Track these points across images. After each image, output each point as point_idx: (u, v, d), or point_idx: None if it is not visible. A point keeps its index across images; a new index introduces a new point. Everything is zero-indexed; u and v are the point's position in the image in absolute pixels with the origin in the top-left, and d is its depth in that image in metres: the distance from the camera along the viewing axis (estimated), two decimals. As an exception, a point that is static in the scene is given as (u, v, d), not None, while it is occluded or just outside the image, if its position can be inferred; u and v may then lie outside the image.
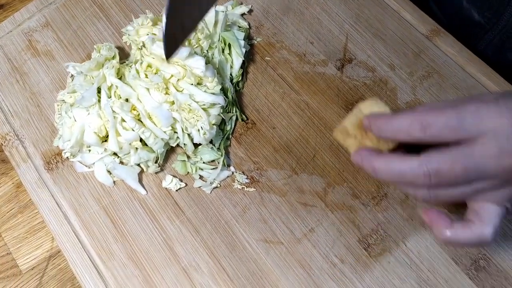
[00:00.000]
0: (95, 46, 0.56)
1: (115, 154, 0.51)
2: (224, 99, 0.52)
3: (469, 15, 0.61)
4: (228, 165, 0.52)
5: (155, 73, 0.51)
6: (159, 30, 0.52)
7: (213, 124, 0.51)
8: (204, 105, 0.51)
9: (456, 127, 0.34)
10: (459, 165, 0.34)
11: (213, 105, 0.51)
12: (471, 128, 0.34)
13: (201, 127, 0.50)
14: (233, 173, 0.52)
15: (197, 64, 0.50)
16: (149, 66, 0.52)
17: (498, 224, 0.36)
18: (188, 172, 0.52)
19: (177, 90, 0.51)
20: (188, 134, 0.51)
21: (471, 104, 0.35)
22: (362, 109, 0.40)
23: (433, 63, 0.57)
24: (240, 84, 0.56)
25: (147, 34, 0.52)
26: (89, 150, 0.51)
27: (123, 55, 0.58)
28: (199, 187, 0.51)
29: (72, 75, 0.57)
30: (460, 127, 0.34)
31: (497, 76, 0.56)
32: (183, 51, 0.50)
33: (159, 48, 0.50)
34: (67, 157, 0.52)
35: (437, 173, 0.34)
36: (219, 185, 0.51)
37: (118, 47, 0.58)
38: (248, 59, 0.58)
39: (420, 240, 0.48)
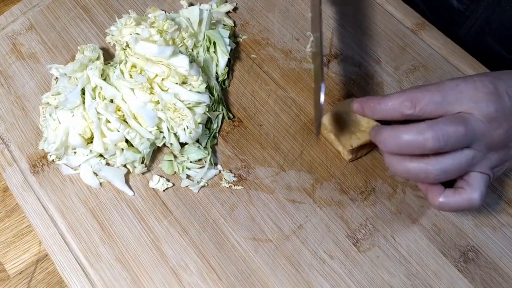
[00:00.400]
0: (79, 48, 0.55)
1: (101, 155, 0.51)
2: (210, 97, 0.52)
3: (449, 3, 0.61)
4: (215, 164, 0.52)
5: (140, 73, 0.51)
6: (142, 29, 0.51)
7: (199, 123, 0.51)
8: (189, 104, 0.50)
9: (440, 101, 0.40)
10: (461, 125, 0.39)
11: (198, 103, 0.51)
12: (453, 102, 0.40)
13: (187, 126, 0.50)
14: (220, 171, 0.51)
15: (181, 63, 0.50)
16: (134, 66, 0.52)
17: (484, 190, 0.41)
18: (175, 171, 0.51)
19: (162, 90, 0.51)
20: (174, 134, 0.51)
21: (452, 82, 0.41)
22: (339, 107, 0.45)
23: (419, 57, 0.57)
24: (226, 82, 0.56)
25: (130, 34, 0.52)
26: (75, 152, 0.51)
27: (108, 56, 0.58)
28: (187, 186, 0.51)
29: (56, 77, 0.56)
30: (443, 101, 0.40)
31: (482, 67, 0.56)
32: (166, 50, 0.49)
33: (142, 48, 0.50)
34: (53, 160, 0.52)
35: (445, 132, 0.39)
36: (206, 184, 0.51)
37: (102, 48, 0.58)
38: (234, 57, 0.58)
39: (408, 234, 0.48)
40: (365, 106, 0.43)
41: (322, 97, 0.42)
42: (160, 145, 0.51)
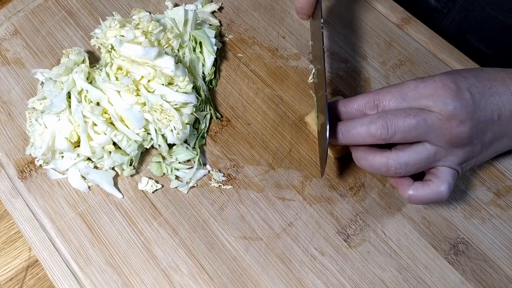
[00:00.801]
0: (64, 51, 0.55)
1: (88, 159, 0.51)
2: (197, 97, 0.52)
3: (426, 2, 0.62)
4: (204, 164, 0.52)
5: (126, 75, 0.51)
6: (127, 31, 0.51)
7: (187, 124, 0.51)
8: (176, 104, 0.50)
9: (400, 102, 0.42)
10: (411, 117, 0.41)
11: (185, 104, 0.51)
12: (412, 101, 0.42)
13: (174, 127, 0.50)
14: (209, 171, 0.51)
15: (167, 64, 0.50)
16: (119, 68, 0.52)
17: (452, 182, 0.43)
18: (164, 173, 0.51)
19: (148, 91, 0.50)
20: (162, 135, 0.50)
21: (412, 82, 0.42)
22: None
23: (405, 51, 0.57)
24: (213, 82, 0.56)
25: (115, 36, 0.51)
26: (62, 157, 0.50)
27: (93, 59, 0.58)
28: (176, 187, 0.50)
29: (42, 82, 0.56)
30: (403, 101, 0.42)
31: (469, 61, 0.56)
32: (151, 51, 0.49)
33: (127, 50, 0.50)
34: (40, 165, 0.51)
35: (392, 121, 0.41)
36: (195, 185, 0.51)
37: (88, 51, 0.57)
38: (221, 56, 0.58)
39: (399, 228, 0.48)
40: (336, 109, 0.45)
41: (327, 135, 0.42)
42: (148, 146, 0.51)
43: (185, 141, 0.52)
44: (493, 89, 0.43)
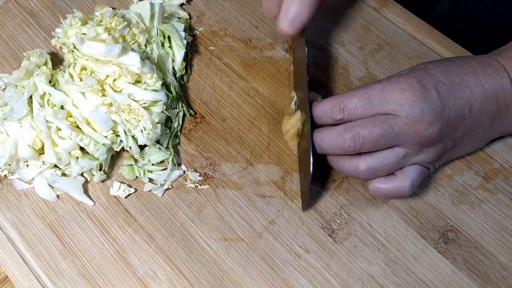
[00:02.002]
0: (24, 54, 0.52)
1: (55, 166, 0.48)
2: (167, 95, 0.49)
3: None
4: (179, 164, 0.49)
5: (90, 75, 0.48)
6: (89, 28, 0.48)
7: (157, 123, 0.48)
8: (145, 103, 0.48)
9: (366, 105, 0.41)
10: (377, 127, 0.40)
11: (154, 102, 0.48)
12: (378, 105, 0.40)
13: (144, 127, 0.47)
14: (184, 172, 0.49)
15: (132, 61, 0.47)
16: (83, 68, 0.49)
17: (416, 179, 0.43)
18: (136, 176, 0.48)
19: (115, 91, 0.48)
20: (132, 136, 0.48)
21: (378, 85, 0.41)
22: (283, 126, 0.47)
23: (383, 35, 0.55)
24: (185, 78, 0.53)
25: (76, 35, 0.48)
26: (27, 165, 0.48)
27: (58, 60, 0.55)
28: (150, 190, 0.48)
29: (5, 88, 0.53)
30: (369, 104, 0.41)
31: (448, 41, 0.54)
32: (114, 48, 0.47)
33: (89, 48, 0.47)
34: (5, 175, 0.49)
35: (359, 134, 0.40)
36: (170, 186, 0.48)
37: (52, 53, 0.55)
38: (192, 50, 0.55)
39: (385, 219, 0.46)
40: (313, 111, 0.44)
41: (311, 169, 0.41)
42: (118, 149, 0.48)
43: (157, 142, 0.49)
44: (463, 83, 0.41)
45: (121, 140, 0.48)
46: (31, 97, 0.48)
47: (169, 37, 0.53)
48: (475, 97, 0.41)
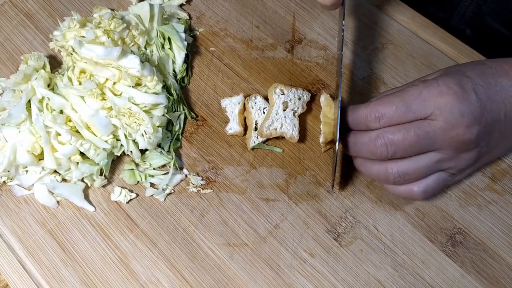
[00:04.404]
0: (22, 57, 0.51)
1: (55, 171, 0.47)
2: (168, 97, 0.48)
3: None
4: (181, 168, 0.48)
5: (89, 79, 0.47)
6: (87, 31, 0.47)
7: (158, 126, 0.47)
8: (145, 107, 0.47)
9: (405, 113, 0.39)
10: (411, 134, 0.39)
11: (155, 105, 0.47)
12: (417, 111, 0.39)
13: (145, 131, 0.46)
14: (186, 176, 0.48)
15: (132, 64, 0.46)
16: (82, 72, 0.48)
17: (433, 185, 0.41)
18: (138, 181, 0.48)
19: (115, 94, 0.47)
20: (133, 140, 0.47)
21: (414, 90, 0.39)
22: (327, 113, 0.45)
23: (387, 34, 0.54)
24: (185, 80, 0.53)
25: (74, 37, 0.47)
26: (26, 171, 0.47)
27: (56, 63, 0.54)
28: (151, 195, 0.47)
29: (2, 92, 0.52)
30: (408, 112, 0.39)
31: (453, 39, 0.53)
32: (113, 51, 0.46)
33: (88, 51, 0.46)
34: (4, 182, 0.48)
35: (392, 141, 0.39)
36: (172, 191, 0.47)
37: (50, 56, 0.54)
38: (192, 52, 0.54)
39: (392, 222, 0.45)
40: (345, 115, 0.42)
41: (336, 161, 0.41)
42: (118, 154, 0.47)
43: (159, 145, 0.48)
44: (498, 87, 0.40)
45: (121, 145, 0.47)
46: (29, 101, 0.47)
47: (169, 39, 0.52)
48: (509, 100, 0.40)
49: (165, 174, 0.47)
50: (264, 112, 0.48)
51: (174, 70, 0.52)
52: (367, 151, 0.40)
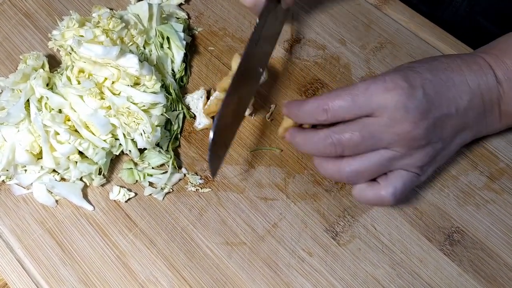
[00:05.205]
0: (21, 57, 0.51)
1: (54, 171, 0.47)
2: (166, 97, 0.48)
3: None
4: (179, 167, 0.48)
5: (88, 78, 0.47)
6: (86, 30, 0.48)
7: (157, 126, 0.47)
8: (144, 106, 0.47)
9: (350, 106, 0.39)
10: (356, 134, 0.39)
11: (154, 105, 0.47)
12: (363, 105, 0.38)
13: (144, 131, 0.46)
14: (185, 175, 0.48)
15: (130, 63, 0.46)
16: (81, 71, 0.48)
17: (400, 187, 0.40)
18: (136, 180, 0.48)
19: (113, 94, 0.47)
20: (132, 140, 0.47)
21: (362, 85, 0.39)
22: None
23: (385, 33, 0.54)
24: (184, 79, 0.53)
25: (73, 37, 0.48)
26: (25, 170, 0.47)
27: (55, 62, 0.54)
28: (150, 194, 0.47)
29: (1, 92, 0.52)
30: (354, 106, 0.39)
31: (451, 38, 0.53)
32: (112, 50, 0.46)
33: (86, 50, 0.46)
34: (3, 181, 0.48)
35: (339, 141, 0.39)
36: (171, 190, 0.47)
37: (49, 55, 0.54)
38: (191, 51, 0.54)
39: (389, 221, 0.46)
40: (289, 111, 0.42)
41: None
42: (117, 153, 0.47)
43: (157, 145, 0.48)
44: (449, 82, 0.40)
45: (120, 144, 0.47)
46: (28, 101, 0.47)
47: (168, 38, 0.52)
48: (460, 95, 0.40)
49: (163, 173, 0.47)
50: None
51: (173, 70, 0.52)
52: (317, 150, 0.41)
